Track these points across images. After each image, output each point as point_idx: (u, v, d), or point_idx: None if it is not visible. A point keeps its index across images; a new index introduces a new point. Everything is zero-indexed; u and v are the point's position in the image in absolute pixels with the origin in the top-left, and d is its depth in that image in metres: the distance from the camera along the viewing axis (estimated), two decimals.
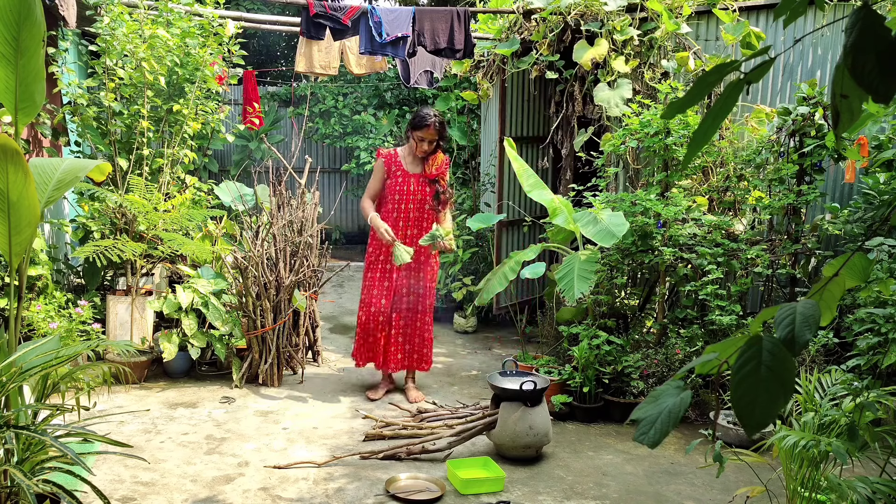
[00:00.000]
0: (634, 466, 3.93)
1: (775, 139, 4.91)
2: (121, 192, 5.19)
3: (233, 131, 6.14)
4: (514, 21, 6.22)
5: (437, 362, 5.81)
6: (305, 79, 10.48)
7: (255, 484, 3.54)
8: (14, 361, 2.58)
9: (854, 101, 1.15)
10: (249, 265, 4.99)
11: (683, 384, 1.30)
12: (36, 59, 2.60)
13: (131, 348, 3.97)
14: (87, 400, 3.10)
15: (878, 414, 2.60)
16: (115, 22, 5.17)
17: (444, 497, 3.48)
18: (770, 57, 1.24)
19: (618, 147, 5.19)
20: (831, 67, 5.27)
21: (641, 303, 5.46)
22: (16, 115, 2.69)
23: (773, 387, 1.12)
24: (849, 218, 4.66)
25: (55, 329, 4.49)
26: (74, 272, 5.67)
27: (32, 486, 2.37)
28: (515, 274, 4.89)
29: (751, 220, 5.16)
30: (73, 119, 5.36)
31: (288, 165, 5.72)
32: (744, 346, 1.18)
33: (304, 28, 5.70)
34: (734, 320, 4.34)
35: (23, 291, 2.78)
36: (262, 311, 5.03)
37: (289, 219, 5.25)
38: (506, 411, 3.91)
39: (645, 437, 1.26)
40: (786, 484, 2.87)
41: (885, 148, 4.48)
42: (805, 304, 1.24)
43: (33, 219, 2.62)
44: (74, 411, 2.77)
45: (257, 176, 8.73)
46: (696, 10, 5.82)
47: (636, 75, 5.71)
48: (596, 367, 4.58)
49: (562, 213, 4.82)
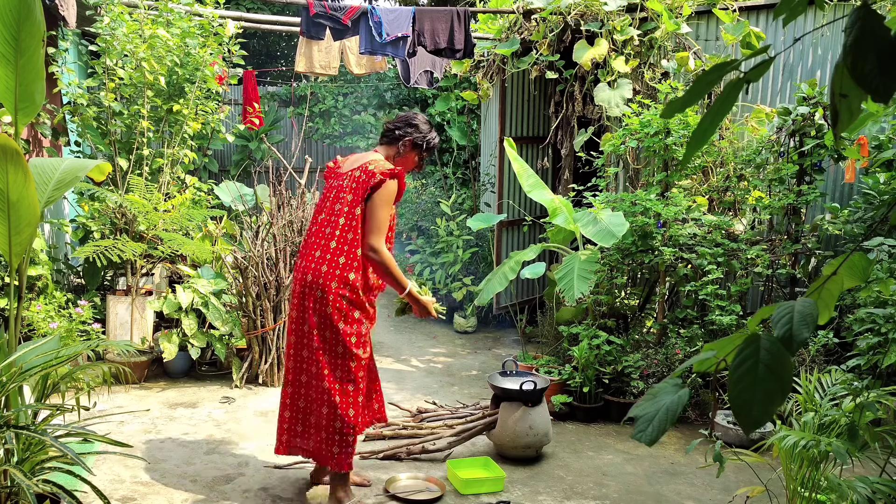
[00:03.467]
0: (634, 466, 3.92)
1: (775, 139, 4.91)
2: (121, 192, 5.19)
3: (233, 131, 6.14)
4: (514, 21, 6.23)
5: (437, 362, 5.81)
6: (305, 79, 10.48)
7: (255, 484, 3.55)
8: (14, 361, 2.59)
9: (854, 100, 1.15)
10: (249, 265, 4.99)
11: (681, 382, 1.31)
12: (36, 59, 2.60)
13: (131, 348, 3.97)
14: (87, 400, 3.10)
15: (878, 414, 2.60)
16: (115, 22, 5.17)
17: (444, 497, 3.48)
18: (769, 56, 1.24)
19: (618, 147, 5.19)
20: (831, 67, 5.27)
21: (641, 303, 5.46)
22: (16, 115, 2.69)
23: (771, 385, 1.13)
24: (849, 218, 4.66)
25: (55, 329, 4.49)
26: (74, 272, 5.67)
27: (32, 486, 2.37)
28: (515, 274, 4.89)
29: (751, 220, 5.16)
30: (73, 119, 5.37)
31: (288, 165, 5.73)
32: (742, 345, 1.18)
33: (304, 28, 5.70)
34: (734, 320, 4.34)
35: (23, 291, 2.78)
36: (262, 311, 5.03)
37: (289, 219, 5.25)
38: (506, 411, 3.91)
39: (643, 434, 1.26)
40: (786, 484, 2.87)
41: (885, 148, 4.48)
42: (803, 302, 1.24)
43: (33, 219, 2.62)
44: (74, 411, 2.77)
45: (257, 176, 8.73)
46: (696, 10, 5.82)
47: (636, 75, 5.71)
48: (596, 367, 4.58)
49: (562, 213, 4.82)
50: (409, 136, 3.40)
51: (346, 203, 3.19)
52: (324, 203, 3.31)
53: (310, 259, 3.20)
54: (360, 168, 3.24)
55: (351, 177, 3.24)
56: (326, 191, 3.36)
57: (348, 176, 3.25)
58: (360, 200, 3.17)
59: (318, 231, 3.25)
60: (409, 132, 3.40)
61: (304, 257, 3.25)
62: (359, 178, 3.20)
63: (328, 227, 3.21)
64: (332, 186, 3.34)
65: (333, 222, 3.19)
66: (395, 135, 3.40)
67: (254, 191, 6.80)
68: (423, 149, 3.44)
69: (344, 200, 3.20)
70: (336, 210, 3.21)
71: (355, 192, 3.18)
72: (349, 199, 3.18)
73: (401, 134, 3.39)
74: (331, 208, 3.25)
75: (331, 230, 3.18)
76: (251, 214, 5.76)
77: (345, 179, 3.26)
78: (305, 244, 3.30)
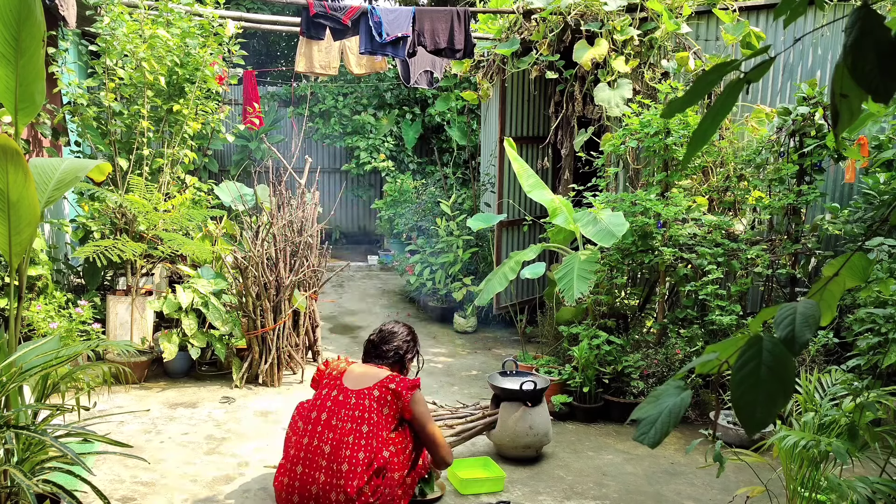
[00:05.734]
0: (634, 466, 3.92)
1: (775, 139, 4.91)
2: (121, 192, 5.19)
3: (233, 131, 6.14)
4: (514, 21, 6.22)
5: (436, 362, 5.81)
6: (305, 79, 10.48)
7: (255, 484, 3.54)
8: (14, 361, 2.58)
9: (854, 100, 1.15)
10: (249, 265, 4.99)
11: (683, 384, 1.30)
12: (36, 59, 2.61)
13: (131, 348, 3.97)
14: (87, 400, 3.10)
15: (878, 414, 2.60)
16: (115, 22, 5.17)
17: (444, 497, 3.48)
18: (770, 56, 1.24)
19: (618, 147, 5.19)
20: (831, 67, 5.27)
21: (641, 303, 5.46)
22: (16, 115, 2.68)
23: (773, 387, 1.12)
24: (849, 218, 4.66)
25: (55, 329, 4.49)
26: (74, 272, 5.66)
27: (32, 486, 2.37)
28: (515, 274, 4.89)
29: (751, 220, 5.16)
30: (73, 119, 5.36)
31: (288, 165, 5.72)
32: (744, 346, 1.18)
33: (304, 28, 5.70)
34: (734, 320, 4.34)
35: (23, 291, 2.77)
36: (262, 311, 5.03)
37: (289, 219, 5.25)
38: (506, 411, 3.91)
39: (645, 436, 1.25)
40: (786, 484, 2.87)
41: (885, 148, 4.48)
42: (805, 303, 1.24)
43: (33, 219, 2.62)
44: (74, 411, 2.77)
45: (257, 176, 8.72)
46: (696, 10, 5.82)
47: (636, 75, 5.71)
48: (596, 367, 4.58)
49: (562, 213, 4.82)
50: (411, 354, 3.36)
51: (371, 422, 2.97)
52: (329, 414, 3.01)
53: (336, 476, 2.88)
54: (377, 386, 3.05)
55: (370, 396, 3.03)
56: (325, 400, 3.07)
57: (366, 395, 3.04)
58: (393, 418, 3.02)
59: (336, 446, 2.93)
60: (409, 349, 3.34)
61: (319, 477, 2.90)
62: (381, 398, 3.02)
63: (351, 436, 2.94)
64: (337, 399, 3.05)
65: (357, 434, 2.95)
66: (399, 355, 3.27)
67: (254, 191, 6.80)
68: (417, 352, 3.43)
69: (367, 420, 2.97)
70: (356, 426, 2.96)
71: (383, 406, 3.02)
72: (374, 419, 2.98)
73: (403, 354, 3.30)
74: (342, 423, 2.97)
75: (356, 440, 2.94)
76: (251, 214, 5.76)
77: (364, 398, 3.03)
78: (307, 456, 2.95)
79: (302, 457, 2.95)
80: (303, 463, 2.93)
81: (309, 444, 2.97)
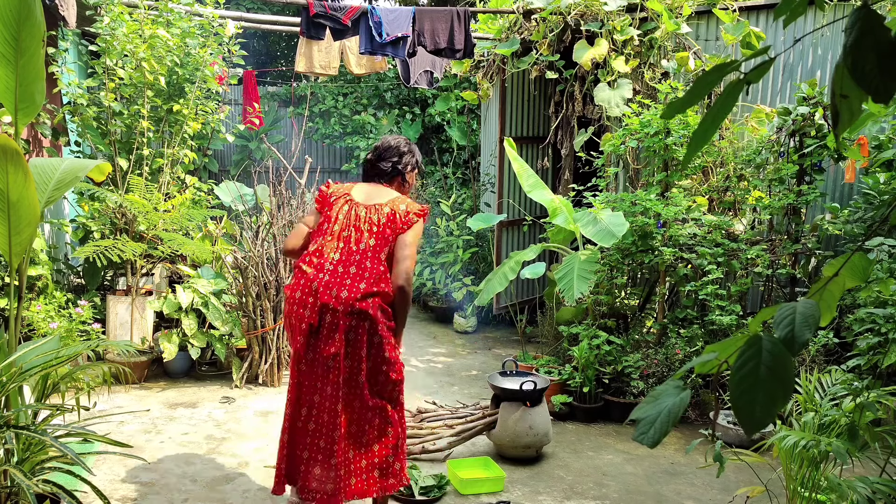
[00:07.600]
0: (634, 466, 3.92)
1: (775, 139, 4.91)
2: (121, 192, 5.19)
3: (233, 131, 6.14)
4: (514, 21, 6.22)
5: (436, 362, 5.81)
6: (305, 79, 10.48)
7: (255, 484, 3.54)
8: (14, 361, 2.58)
9: (854, 100, 1.15)
10: (249, 265, 4.99)
11: (683, 384, 1.30)
12: (36, 59, 2.60)
13: (131, 348, 3.97)
14: (87, 400, 3.11)
15: (878, 414, 2.60)
16: (115, 22, 5.17)
17: (444, 497, 3.48)
18: (770, 57, 1.24)
19: (618, 147, 5.19)
20: (831, 67, 5.27)
21: (641, 303, 5.46)
22: (16, 115, 2.68)
23: (773, 387, 1.12)
24: (849, 218, 4.66)
25: (55, 329, 4.49)
26: (74, 272, 5.67)
27: (32, 486, 2.37)
28: (515, 274, 4.89)
29: (751, 220, 5.16)
30: (73, 119, 5.36)
31: (288, 165, 5.72)
32: (743, 346, 1.18)
33: (304, 28, 5.70)
34: (734, 320, 4.34)
35: (23, 291, 2.77)
36: (262, 311, 5.03)
37: (289, 219, 5.25)
38: (506, 411, 3.91)
39: (644, 436, 1.25)
40: (786, 484, 2.87)
41: (885, 148, 4.48)
42: (805, 303, 1.24)
43: (33, 219, 2.62)
44: (74, 411, 2.77)
45: (257, 176, 8.72)
46: (696, 10, 5.82)
47: (636, 75, 5.71)
48: (596, 367, 4.58)
49: (562, 213, 4.82)
50: (411, 165, 3.28)
51: (380, 237, 3.03)
52: (340, 227, 3.08)
53: (342, 286, 2.95)
54: (389, 205, 3.09)
55: (380, 211, 3.07)
56: (336, 215, 3.10)
57: (376, 210, 3.08)
58: (394, 238, 3.05)
59: (345, 257, 3.01)
60: (408, 160, 3.27)
61: (332, 282, 2.96)
62: (392, 216, 3.06)
63: (357, 255, 3.01)
64: (347, 213, 3.10)
65: (364, 251, 3.01)
66: (397, 169, 3.23)
67: (254, 191, 6.79)
68: (419, 171, 3.36)
69: (377, 234, 3.03)
70: (365, 238, 3.03)
71: (391, 228, 3.05)
72: (385, 234, 3.03)
73: (402, 167, 3.25)
74: (356, 236, 3.04)
75: (361, 258, 3.00)
76: (251, 214, 5.76)
77: (374, 213, 3.07)
78: (319, 263, 3.01)
79: (314, 262, 3.03)
80: (315, 267, 3.01)
81: (319, 252, 3.05)
